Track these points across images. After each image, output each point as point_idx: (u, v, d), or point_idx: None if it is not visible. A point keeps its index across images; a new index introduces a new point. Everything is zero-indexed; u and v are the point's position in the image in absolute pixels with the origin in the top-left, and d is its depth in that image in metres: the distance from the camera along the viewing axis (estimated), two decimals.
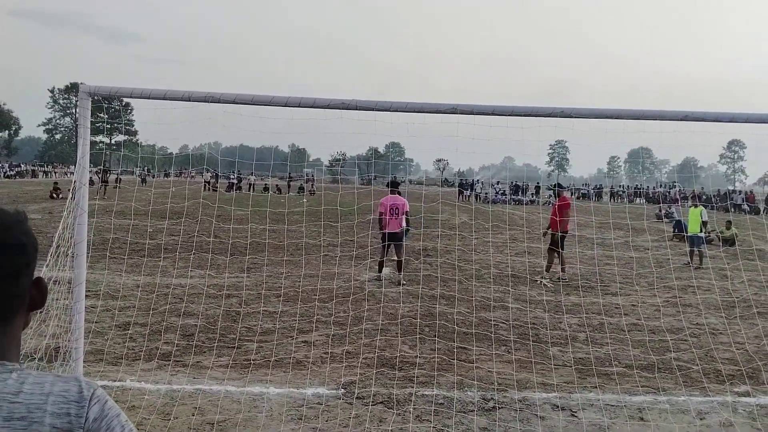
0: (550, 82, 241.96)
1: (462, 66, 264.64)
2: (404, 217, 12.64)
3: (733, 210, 33.33)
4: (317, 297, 9.76)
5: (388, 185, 13.34)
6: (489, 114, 6.64)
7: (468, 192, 48.51)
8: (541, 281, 13.21)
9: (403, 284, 11.96)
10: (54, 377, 1.36)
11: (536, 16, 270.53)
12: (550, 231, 13.96)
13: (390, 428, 5.53)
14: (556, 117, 6.73)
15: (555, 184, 15.96)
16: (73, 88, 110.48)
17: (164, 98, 6.75)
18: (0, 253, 1.36)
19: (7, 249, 1.38)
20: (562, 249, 13.84)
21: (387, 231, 12.28)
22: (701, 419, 6.01)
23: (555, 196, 14.97)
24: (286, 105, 6.76)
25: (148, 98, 6.79)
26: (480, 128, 7.04)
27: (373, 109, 6.73)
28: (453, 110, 6.57)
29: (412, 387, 6.58)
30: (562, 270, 13.73)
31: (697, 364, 7.61)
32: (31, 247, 1.44)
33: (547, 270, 13.79)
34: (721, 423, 5.90)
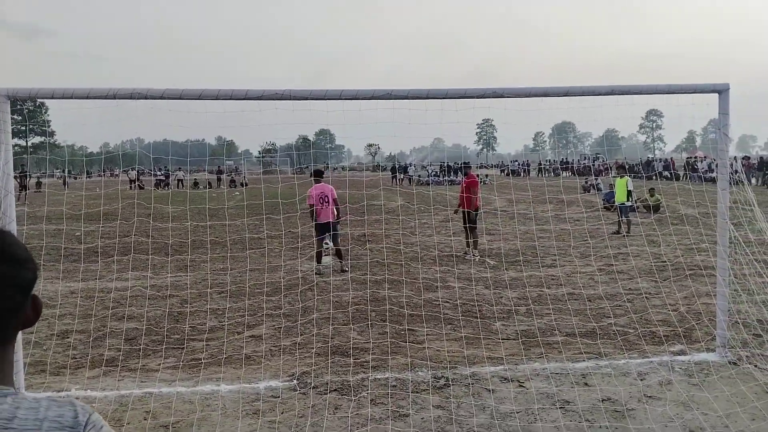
0: (480, 61, 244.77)
1: (393, 50, 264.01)
2: (334, 205, 12.37)
3: (655, 177, 34.87)
4: (263, 291, 9.67)
5: (312, 174, 13.01)
6: (424, 98, 6.74)
7: (401, 176, 48.87)
8: (482, 259, 13.49)
9: (346, 271, 11.97)
10: (49, 401, 1.34)
11: None
12: (460, 209, 14.22)
13: (347, 414, 5.57)
14: (488, 98, 6.89)
15: (462, 163, 16.23)
16: None
17: (87, 97, 6.51)
18: (17, 266, 1.32)
19: (22, 262, 1.34)
20: (474, 224, 14.12)
21: (320, 221, 12.05)
22: (642, 380, 6.31)
23: (463, 175, 15.17)
24: (216, 98, 6.64)
25: (71, 98, 6.54)
26: (414, 112, 7.13)
27: (307, 98, 6.70)
28: (388, 95, 6.62)
29: (365, 372, 6.63)
30: (475, 246, 14.03)
31: (635, 328, 7.98)
32: (34, 262, 1.38)
33: (475, 246, 14.06)
34: (660, 382, 6.22)
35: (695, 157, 49.08)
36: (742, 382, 6.04)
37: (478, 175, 15.67)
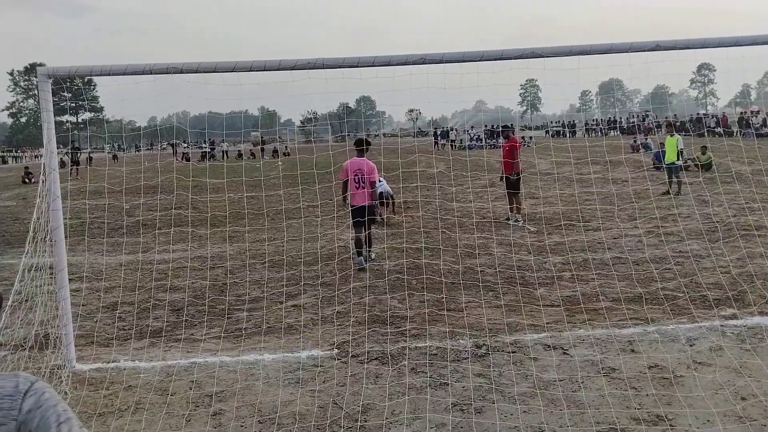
0: (522, 24, 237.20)
1: (431, 18, 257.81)
2: (371, 188, 10.30)
3: (707, 134, 33.64)
4: (302, 260, 9.73)
5: (355, 143, 10.77)
6: (459, 61, 6.55)
7: (443, 141, 48.29)
8: (523, 225, 13.28)
9: (371, 260, 10.35)
10: None
11: None
12: (505, 175, 13.91)
13: (387, 383, 5.58)
14: (526, 58, 6.65)
15: (503, 126, 15.82)
16: (32, 69, 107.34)
17: (125, 74, 6.56)
18: None
19: None
20: (518, 190, 13.86)
21: (354, 205, 10.08)
22: (691, 345, 6.13)
23: (504, 138, 14.77)
24: (250, 70, 6.60)
25: (109, 75, 6.59)
26: (451, 76, 6.96)
27: (340, 67, 6.60)
28: (422, 60, 6.45)
29: (405, 341, 6.62)
30: (518, 211, 13.83)
31: (683, 292, 7.74)
32: None
33: (519, 212, 13.84)
34: (710, 348, 6.02)
35: (750, 112, 47.01)
36: None
37: (523, 138, 15.36)
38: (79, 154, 35.70)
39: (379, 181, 12.68)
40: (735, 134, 33.66)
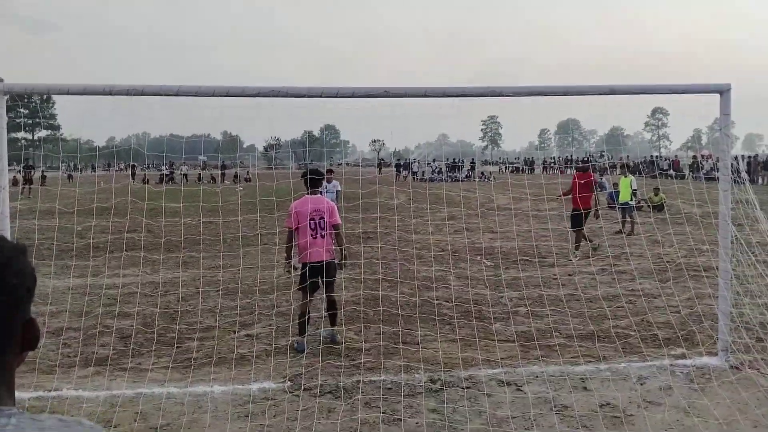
0: (495, 61, 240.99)
1: (405, 47, 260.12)
2: (333, 232, 7.75)
3: (660, 176, 34.68)
4: (258, 288, 9.58)
5: (303, 176, 8.01)
6: (421, 96, 6.64)
7: (405, 172, 48.78)
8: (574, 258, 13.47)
9: (337, 341, 7.75)
10: (56, 421, 1.29)
11: None
12: (580, 210, 13.89)
13: (339, 419, 5.48)
14: (487, 96, 6.80)
15: (581, 159, 16.13)
16: None
17: (84, 93, 6.44)
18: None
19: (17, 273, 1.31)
20: (582, 226, 14.05)
21: (312, 261, 7.44)
22: (642, 384, 6.21)
23: (580, 171, 14.96)
24: (213, 95, 6.56)
25: (67, 94, 6.47)
26: (415, 108, 7.07)
27: (304, 96, 6.61)
28: (385, 94, 6.50)
29: (359, 374, 6.54)
30: (577, 248, 14.02)
31: (635, 330, 7.85)
32: (23, 287, 1.34)
33: (577, 248, 14.04)
34: (660, 387, 6.11)
35: (702, 156, 48.83)
36: (743, 389, 5.93)
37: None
38: (32, 173, 34.75)
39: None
40: (686, 177, 34.79)
